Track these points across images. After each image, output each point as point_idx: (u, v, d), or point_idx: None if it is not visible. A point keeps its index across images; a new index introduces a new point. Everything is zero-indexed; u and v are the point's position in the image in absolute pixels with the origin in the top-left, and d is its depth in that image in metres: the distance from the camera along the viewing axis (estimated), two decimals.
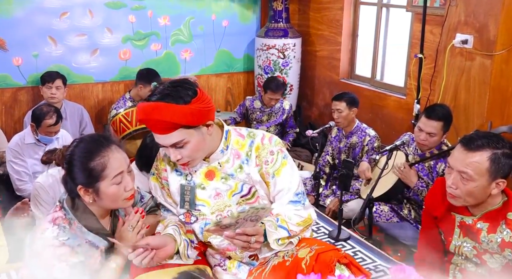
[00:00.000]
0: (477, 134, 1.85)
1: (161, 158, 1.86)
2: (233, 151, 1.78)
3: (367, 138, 3.71)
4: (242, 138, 1.80)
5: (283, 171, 1.78)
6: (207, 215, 1.79)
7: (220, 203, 1.79)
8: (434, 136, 2.94)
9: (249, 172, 1.78)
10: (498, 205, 1.87)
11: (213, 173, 1.78)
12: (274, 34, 5.06)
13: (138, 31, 4.89)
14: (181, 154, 1.65)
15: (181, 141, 1.62)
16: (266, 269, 1.71)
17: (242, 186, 1.78)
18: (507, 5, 2.99)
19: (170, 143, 1.62)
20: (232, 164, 1.78)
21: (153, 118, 1.58)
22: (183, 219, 1.82)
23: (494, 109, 3.17)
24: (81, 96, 4.79)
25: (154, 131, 1.64)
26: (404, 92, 4.27)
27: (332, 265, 1.58)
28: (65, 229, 1.65)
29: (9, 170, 3.57)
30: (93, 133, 1.99)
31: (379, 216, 3.17)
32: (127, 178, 1.68)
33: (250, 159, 1.78)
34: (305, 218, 1.79)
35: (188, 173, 1.79)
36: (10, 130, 4.47)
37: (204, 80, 5.32)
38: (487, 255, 1.88)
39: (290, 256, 1.69)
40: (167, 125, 1.58)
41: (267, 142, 1.79)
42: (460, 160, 1.81)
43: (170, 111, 1.56)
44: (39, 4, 4.44)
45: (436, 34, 3.74)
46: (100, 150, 1.64)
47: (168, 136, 1.61)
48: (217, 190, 1.78)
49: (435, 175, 3.00)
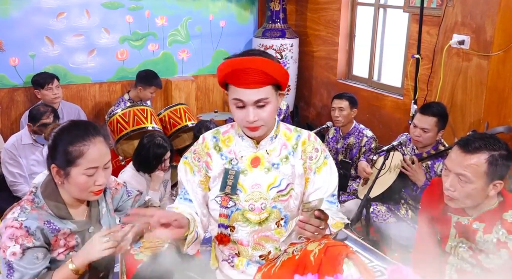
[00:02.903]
0: (474, 136, 1.86)
1: (205, 141, 1.86)
2: (281, 140, 1.84)
3: (364, 139, 3.72)
4: (289, 131, 1.87)
5: (323, 170, 1.85)
6: (241, 201, 1.80)
7: (256, 193, 1.81)
8: (428, 132, 2.96)
9: (294, 163, 1.82)
10: (494, 205, 1.87)
11: (259, 160, 1.81)
12: (271, 34, 5.06)
13: (135, 31, 4.88)
14: (258, 115, 1.68)
15: (265, 99, 1.66)
16: (276, 265, 1.73)
17: (281, 180, 1.81)
18: (504, 6, 3.00)
19: (256, 98, 1.65)
20: (279, 153, 1.82)
21: (251, 68, 1.62)
22: (219, 201, 1.81)
23: (491, 110, 3.18)
24: (78, 97, 4.78)
25: (244, 84, 1.64)
26: (401, 93, 4.28)
27: (340, 258, 1.58)
28: (25, 210, 1.67)
29: (3, 170, 3.56)
30: (86, 120, 1.99)
31: (376, 216, 3.17)
32: (100, 173, 1.71)
33: (296, 152, 1.84)
34: (340, 222, 1.85)
35: (234, 158, 1.82)
36: (7, 131, 4.46)
37: (201, 81, 5.32)
38: (483, 256, 1.88)
39: (299, 251, 1.70)
40: (261, 77, 1.63)
41: (313, 139, 1.87)
42: (458, 162, 1.82)
43: (268, 64, 1.63)
44: (36, 4, 4.43)
45: (433, 35, 3.75)
46: (84, 138, 1.67)
47: (257, 91, 1.64)
48: (257, 180, 1.81)
49: (433, 175, 3.00)
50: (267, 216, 1.79)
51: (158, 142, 3.18)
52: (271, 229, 1.82)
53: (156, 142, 3.17)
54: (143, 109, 3.86)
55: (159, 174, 3.22)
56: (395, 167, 3.15)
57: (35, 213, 1.67)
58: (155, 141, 3.18)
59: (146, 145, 3.19)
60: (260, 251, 1.83)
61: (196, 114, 4.64)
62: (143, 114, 3.82)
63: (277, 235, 1.83)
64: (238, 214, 1.79)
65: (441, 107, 3.03)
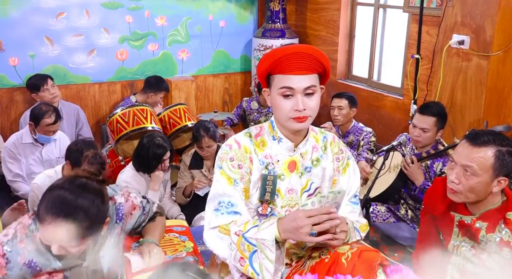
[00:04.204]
0: (483, 131, 1.87)
1: (244, 146, 1.75)
2: (311, 143, 1.81)
3: (363, 134, 3.75)
4: (315, 133, 1.85)
5: (347, 171, 1.85)
6: (277, 208, 1.76)
7: (291, 198, 1.77)
8: (428, 132, 2.97)
9: (325, 166, 1.80)
10: (497, 204, 1.87)
11: (295, 164, 1.77)
12: (271, 34, 5.06)
13: (135, 31, 4.88)
14: (306, 104, 1.64)
15: (314, 86, 1.65)
16: (305, 271, 1.68)
17: (311, 184, 1.79)
18: (503, 6, 3.00)
19: (306, 85, 1.64)
20: (311, 156, 1.79)
21: (307, 53, 1.64)
22: (260, 211, 1.75)
23: (490, 110, 3.18)
24: (78, 97, 4.78)
25: (294, 70, 1.63)
26: (401, 93, 4.28)
27: (376, 265, 1.56)
28: (15, 239, 1.62)
29: (3, 169, 3.56)
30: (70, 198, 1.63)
31: (376, 216, 3.17)
32: (60, 250, 1.60)
33: (325, 153, 1.82)
34: (364, 224, 1.85)
35: (270, 162, 1.74)
36: (6, 131, 4.46)
37: (201, 81, 5.32)
38: (486, 255, 1.88)
39: (327, 254, 1.65)
40: (311, 63, 1.64)
41: (338, 141, 1.87)
42: (465, 155, 1.82)
43: (317, 51, 1.68)
44: (35, 4, 4.43)
45: (433, 35, 3.75)
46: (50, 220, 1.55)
47: (307, 77, 1.64)
48: (293, 184, 1.77)
49: (432, 174, 3.01)
50: None
51: (157, 142, 3.17)
52: None
53: (156, 142, 3.17)
54: (143, 109, 3.86)
55: (158, 174, 3.22)
56: (394, 167, 3.15)
57: (21, 247, 1.62)
58: (155, 141, 3.18)
59: (145, 145, 3.19)
60: (287, 259, 1.77)
61: (195, 115, 4.64)
62: (143, 114, 3.82)
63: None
64: None
65: (440, 107, 3.04)
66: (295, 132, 1.73)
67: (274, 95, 1.67)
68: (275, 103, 1.67)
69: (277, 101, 1.66)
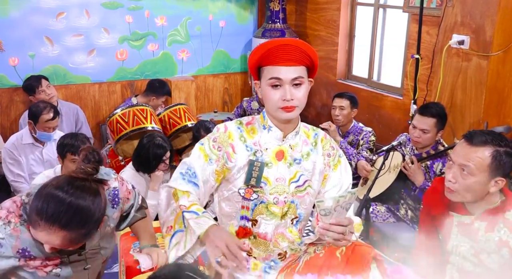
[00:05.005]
0: (481, 131, 1.88)
1: (229, 131, 1.83)
2: (302, 137, 1.86)
3: (362, 133, 3.76)
4: (307, 129, 1.90)
5: (338, 168, 1.89)
6: (265, 194, 1.80)
7: (279, 186, 1.81)
8: (428, 133, 2.97)
9: (315, 160, 1.85)
10: (496, 204, 1.88)
11: (283, 153, 1.82)
12: (271, 34, 5.06)
13: (135, 31, 4.88)
14: (294, 95, 1.70)
15: (301, 77, 1.71)
16: (299, 265, 1.72)
17: (300, 176, 1.83)
18: (503, 6, 3.00)
19: (294, 76, 1.69)
20: (301, 149, 1.84)
21: (295, 46, 1.70)
22: (243, 194, 1.80)
23: (490, 110, 3.18)
24: (78, 97, 4.78)
25: (282, 61, 1.69)
26: (401, 93, 4.28)
27: (369, 256, 1.58)
28: (8, 226, 1.59)
29: (4, 170, 3.56)
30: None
31: (376, 216, 3.18)
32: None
33: (316, 148, 1.86)
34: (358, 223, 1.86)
35: (259, 149, 1.81)
36: (6, 131, 4.46)
37: (201, 81, 5.32)
38: (485, 255, 1.88)
39: (323, 249, 1.70)
40: (299, 55, 1.70)
41: (329, 138, 1.92)
42: (463, 154, 1.84)
43: (305, 44, 1.74)
44: (35, 4, 4.43)
45: (433, 35, 3.75)
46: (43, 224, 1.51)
47: (294, 69, 1.70)
48: (281, 173, 1.81)
49: (432, 175, 3.01)
50: (287, 210, 1.80)
51: (157, 142, 3.18)
52: (287, 226, 1.83)
53: (156, 142, 3.17)
54: (143, 110, 3.86)
55: (158, 174, 3.22)
56: (394, 167, 3.15)
57: (14, 235, 1.59)
58: (155, 141, 3.18)
59: (145, 145, 3.19)
60: (279, 249, 1.83)
61: (195, 115, 4.64)
62: (143, 114, 3.82)
63: (290, 233, 1.84)
64: (263, 207, 1.79)
65: (440, 107, 3.04)
66: (285, 122, 1.78)
67: (264, 86, 1.74)
68: (265, 94, 1.75)
69: (266, 91, 1.73)
